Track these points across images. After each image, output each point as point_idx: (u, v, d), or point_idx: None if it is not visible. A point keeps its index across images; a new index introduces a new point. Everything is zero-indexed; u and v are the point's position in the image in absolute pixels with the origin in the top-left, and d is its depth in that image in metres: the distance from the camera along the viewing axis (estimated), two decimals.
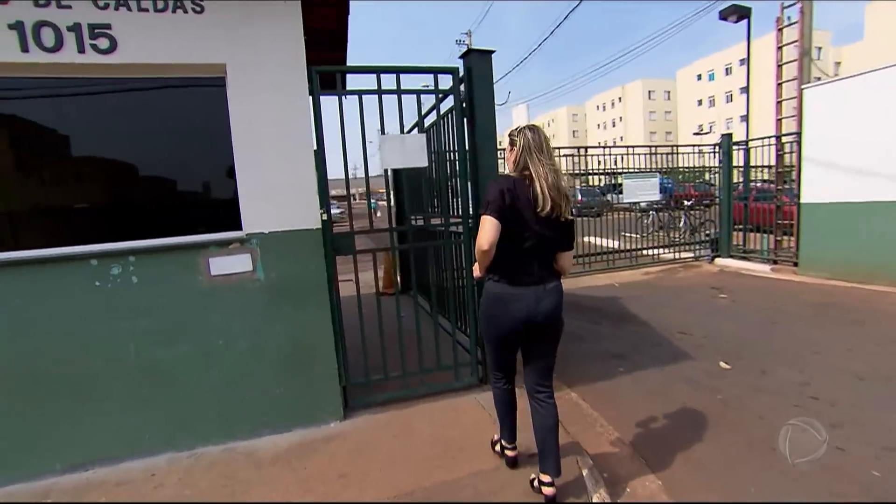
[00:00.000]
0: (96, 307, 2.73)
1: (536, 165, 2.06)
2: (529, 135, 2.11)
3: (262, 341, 2.99)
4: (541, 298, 2.13)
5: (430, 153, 4.43)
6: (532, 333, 2.19)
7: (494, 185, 2.10)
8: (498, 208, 2.03)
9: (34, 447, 2.72)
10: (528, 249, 2.11)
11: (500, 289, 2.16)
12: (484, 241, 2.04)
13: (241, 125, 2.86)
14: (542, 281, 2.15)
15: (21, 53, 2.54)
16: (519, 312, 2.12)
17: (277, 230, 2.96)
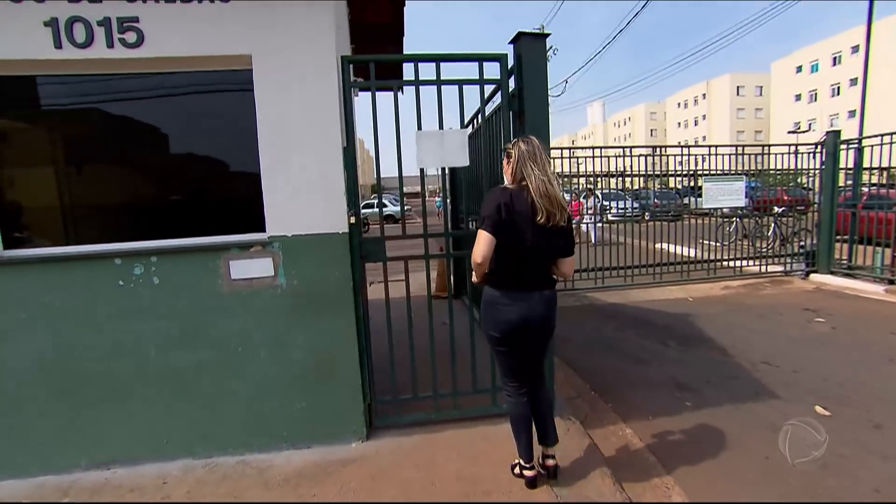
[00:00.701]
0: (121, 307, 2.64)
1: (530, 176, 2.14)
2: (523, 146, 2.20)
3: (283, 352, 2.78)
4: (535, 305, 2.22)
5: (479, 151, 4.07)
6: (528, 336, 2.27)
7: (492, 200, 2.17)
8: (493, 223, 2.11)
9: (64, 441, 2.70)
10: (524, 259, 2.19)
11: (497, 295, 2.24)
12: (477, 254, 2.13)
13: (266, 120, 2.65)
14: (538, 288, 2.24)
15: (55, 50, 2.48)
16: (514, 316, 2.21)
17: (301, 233, 2.73)
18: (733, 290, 7.11)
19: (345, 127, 2.78)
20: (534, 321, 2.23)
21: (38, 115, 2.75)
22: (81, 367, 2.66)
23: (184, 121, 2.77)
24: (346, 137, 2.79)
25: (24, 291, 2.59)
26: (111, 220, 2.85)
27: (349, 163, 2.77)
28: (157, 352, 2.70)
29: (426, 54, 2.85)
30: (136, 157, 2.86)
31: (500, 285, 2.23)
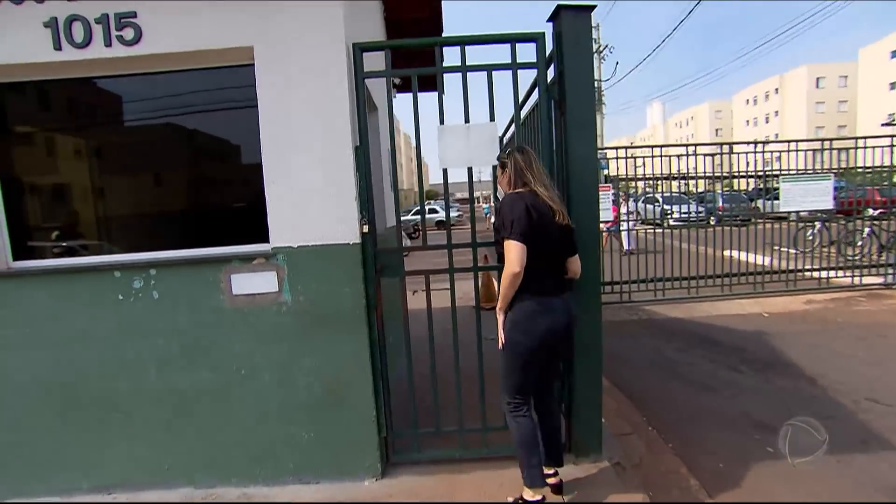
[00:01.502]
0: (121, 322, 2.44)
1: (535, 180, 2.10)
2: (519, 156, 2.14)
3: (289, 376, 2.47)
4: (563, 310, 2.14)
5: None
6: (559, 343, 2.21)
7: (518, 202, 2.04)
8: (524, 229, 1.99)
9: (66, 462, 2.53)
10: (551, 260, 2.13)
11: (532, 303, 2.09)
12: (514, 263, 1.98)
13: (268, 118, 2.36)
14: (561, 291, 2.17)
15: (54, 52, 2.31)
16: (553, 323, 2.10)
17: (307, 244, 2.40)
18: (819, 305, 6.11)
19: (357, 123, 2.43)
20: (566, 326, 2.16)
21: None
22: (82, 385, 2.48)
23: (179, 120, 2.54)
24: (359, 135, 2.44)
25: (29, 305, 2.44)
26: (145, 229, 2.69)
27: (362, 164, 2.42)
28: (158, 372, 2.46)
29: (450, 37, 2.46)
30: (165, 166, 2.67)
31: (533, 292, 2.08)
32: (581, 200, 2.45)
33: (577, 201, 2.44)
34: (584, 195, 2.45)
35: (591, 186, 2.47)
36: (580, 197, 2.45)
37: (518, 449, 2.18)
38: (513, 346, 2.12)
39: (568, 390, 2.63)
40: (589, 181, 2.45)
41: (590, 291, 2.49)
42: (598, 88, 17.52)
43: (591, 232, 2.46)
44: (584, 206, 2.44)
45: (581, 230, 2.42)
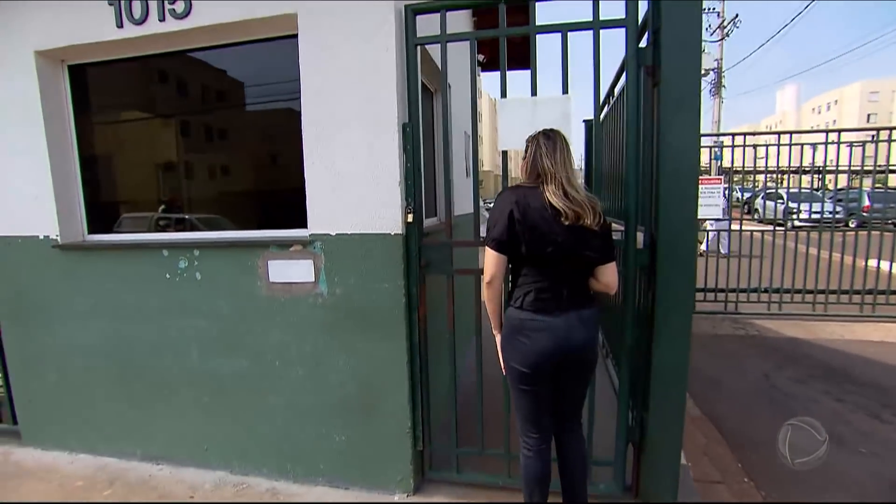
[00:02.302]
0: (168, 301, 2.41)
1: (550, 172, 1.68)
2: (543, 140, 1.74)
3: (322, 373, 2.27)
4: (573, 328, 1.71)
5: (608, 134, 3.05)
6: (562, 371, 1.76)
7: (503, 200, 1.72)
8: (500, 234, 1.67)
9: (123, 427, 2.61)
10: (553, 267, 1.70)
11: (523, 316, 1.72)
12: (486, 272, 1.74)
13: (309, 92, 2.12)
14: (575, 306, 1.72)
15: (116, 30, 2.28)
16: (546, 345, 1.69)
17: (346, 232, 2.16)
18: None
19: (408, 97, 2.11)
20: (572, 350, 1.71)
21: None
22: (135, 358, 2.51)
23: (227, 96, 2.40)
24: (409, 111, 2.12)
25: (96, 276, 2.51)
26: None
27: (410, 144, 2.10)
28: (199, 353, 2.41)
29: None
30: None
31: (523, 306, 1.72)
32: (673, 198, 1.89)
33: (668, 198, 1.89)
34: (676, 191, 1.89)
35: (688, 180, 1.90)
36: (672, 193, 1.89)
37: (523, 488, 1.89)
38: (506, 369, 1.81)
39: (640, 424, 2.13)
40: (685, 173, 1.89)
41: (676, 307, 1.95)
42: (719, 69, 15.37)
43: (681, 237, 1.91)
44: (675, 205, 1.89)
45: (668, 234, 1.90)
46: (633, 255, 2.01)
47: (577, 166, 1.77)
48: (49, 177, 2.49)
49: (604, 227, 1.69)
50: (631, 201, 2.01)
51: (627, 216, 2.03)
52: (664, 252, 1.93)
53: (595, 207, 1.65)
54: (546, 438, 1.85)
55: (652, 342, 1.99)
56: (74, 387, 2.63)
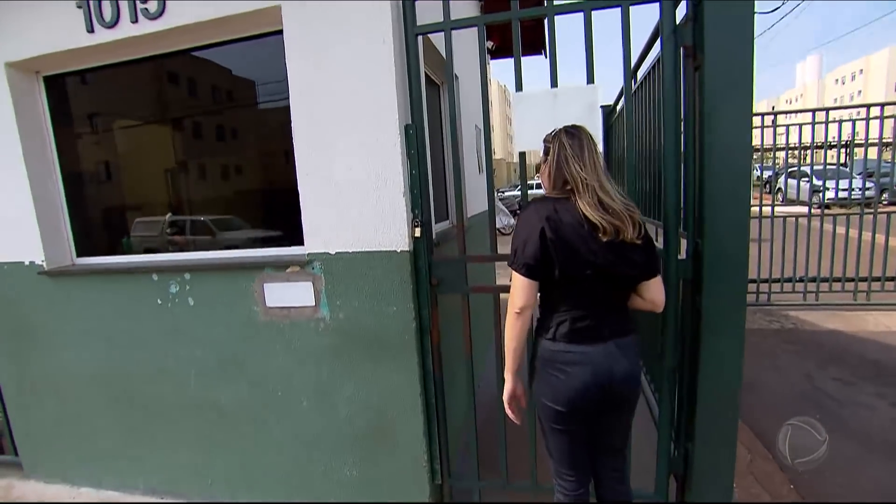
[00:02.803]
0: (161, 327, 2.21)
1: (577, 180, 1.41)
2: (565, 139, 1.45)
3: (328, 403, 2.06)
4: (614, 359, 1.45)
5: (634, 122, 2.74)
6: (602, 408, 1.50)
7: (531, 216, 1.43)
8: (530, 258, 1.39)
9: (124, 459, 2.44)
10: (591, 290, 1.43)
11: (557, 348, 1.47)
12: (515, 301, 1.44)
13: (299, 92, 1.87)
14: (616, 333, 1.46)
15: (88, 35, 2.05)
16: (585, 380, 1.44)
17: (346, 251, 1.92)
18: None
19: (409, 94, 1.85)
20: (614, 385, 1.46)
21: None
22: (131, 387, 2.33)
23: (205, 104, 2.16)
24: (412, 110, 1.86)
25: (86, 302, 2.32)
26: None
27: (415, 147, 1.84)
28: (197, 383, 2.22)
29: None
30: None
31: (557, 335, 1.47)
32: (720, 199, 1.61)
33: (715, 200, 1.61)
34: (724, 191, 1.60)
35: (739, 179, 1.60)
36: (719, 194, 1.61)
37: None
38: (538, 407, 1.57)
39: (684, 455, 1.88)
40: (736, 170, 1.60)
41: (726, 326, 1.68)
42: None
43: (731, 245, 1.63)
44: (723, 208, 1.61)
45: (715, 241, 1.63)
46: (675, 267, 1.74)
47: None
48: (30, 198, 2.30)
49: (645, 237, 1.44)
50: (671, 204, 1.73)
51: (667, 221, 1.75)
52: (711, 262, 1.65)
53: (634, 217, 1.41)
54: (584, 481, 1.62)
55: (698, 366, 1.73)
56: (72, 418, 2.47)
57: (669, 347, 1.80)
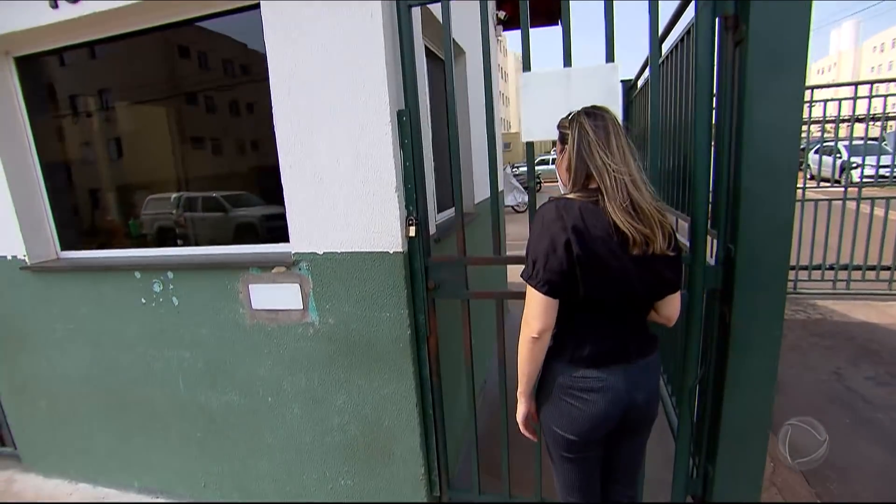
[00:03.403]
0: (147, 328, 2.08)
1: (604, 174, 1.15)
2: (587, 123, 1.18)
3: (320, 412, 1.92)
4: (636, 383, 1.26)
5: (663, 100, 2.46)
6: (618, 433, 1.32)
7: (553, 222, 1.16)
8: (555, 274, 1.15)
9: (119, 458, 2.36)
10: (617, 310, 1.24)
11: (575, 374, 1.25)
12: (534, 323, 1.19)
13: (280, 78, 1.66)
14: (639, 354, 1.27)
15: (52, 11, 1.85)
16: (605, 408, 1.24)
17: (335, 251, 1.74)
18: None
19: (403, 75, 1.62)
20: (634, 410, 1.28)
21: None
22: (122, 388, 2.23)
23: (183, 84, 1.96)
24: (405, 93, 1.64)
25: (71, 299, 2.20)
26: None
27: (409, 136, 1.63)
28: (186, 386, 2.10)
29: None
30: None
31: (579, 358, 1.25)
32: (760, 196, 1.37)
33: (754, 197, 1.38)
34: (766, 187, 1.36)
35: (784, 173, 1.35)
36: (759, 190, 1.37)
37: None
38: (546, 433, 1.37)
39: (703, 476, 1.70)
40: (781, 163, 1.35)
41: (759, 344, 1.47)
42: None
43: (771, 250, 1.40)
44: (764, 207, 1.37)
45: (752, 245, 1.40)
46: (702, 274, 1.52)
47: None
48: (6, 189, 2.15)
49: (677, 248, 1.23)
50: (699, 199, 1.49)
51: (694, 219, 1.52)
52: (744, 271, 1.43)
53: (664, 224, 1.18)
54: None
55: (723, 384, 1.53)
56: (65, 416, 2.39)
57: (691, 364, 1.60)
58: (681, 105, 2.03)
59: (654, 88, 1.62)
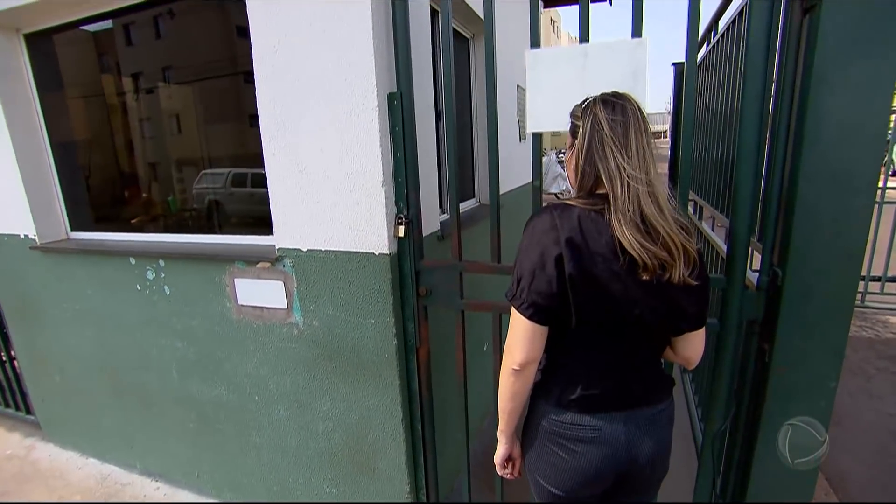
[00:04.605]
0: (145, 315, 2.03)
1: (614, 179, 0.90)
2: (603, 114, 0.93)
3: (305, 416, 1.79)
4: (638, 437, 1.02)
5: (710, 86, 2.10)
6: (615, 493, 1.08)
7: (536, 238, 0.95)
8: (542, 295, 0.93)
9: (125, 438, 2.37)
10: (619, 344, 0.99)
11: (564, 419, 1.03)
12: (517, 353, 0.98)
13: (264, 56, 1.49)
14: (644, 400, 1.03)
15: None
16: (597, 465, 1.01)
17: (319, 249, 1.58)
18: None
19: (396, 53, 1.41)
20: (635, 467, 1.03)
21: None
22: (123, 371, 2.21)
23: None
24: (398, 73, 1.43)
25: (78, 279, 2.19)
26: None
27: (400, 123, 1.42)
28: (180, 376, 2.04)
29: None
30: None
31: (568, 400, 1.02)
32: (825, 207, 1.07)
33: (815, 208, 1.08)
34: (833, 196, 1.06)
35: (862, 178, 1.05)
36: (824, 200, 1.07)
37: None
38: (530, 480, 1.15)
39: None
40: (860, 166, 1.04)
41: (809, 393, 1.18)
42: None
43: (833, 278, 1.10)
44: (829, 221, 1.07)
45: (807, 270, 1.12)
46: (739, 301, 1.24)
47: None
48: (16, 168, 2.14)
49: (703, 277, 0.97)
50: (742, 204, 1.20)
51: (734, 233, 1.23)
52: (794, 303, 1.14)
53: (688, 247, 0.92)
54: None
55: (756, 437, 1.26)
56: (76, 392, 2.42)
57: (719, 407, 1.32)
58: (733, 87, 1.70)
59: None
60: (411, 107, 1.44)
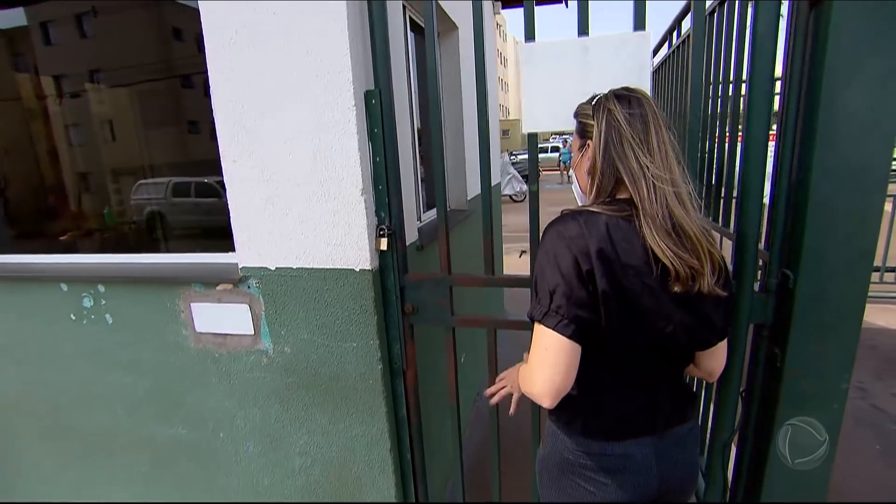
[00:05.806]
0: (82, 347, 1.73)
1: (639, 181, 0.81)
2: (620, 111, 0.83)
3: (279, 453, 1.59)
4: (668, 460, 0.92)
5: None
6: None
7: (560, 250, 0.82)
8: (585, 304, 0.80)
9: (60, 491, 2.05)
10: (649, 363, 0.89)
11: (590, 451, 0.92)
12: (545, 384, 0.81)
13: (218, 51, 1.29)
14: (674, 420, 0.94)
15: None
16: (631, 497, 0.91)
17: (289, 266, 1.40)
18: None
19: (372, 46, 1.26)
20: (668, 494, 0.94)
21: None
22: (59, 413, 1.89)
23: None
24: (376, 70, 1.27)
25: None
26: None
27: (380, 124, 1.27)
28: (128, 415, 1.76)
29: None
30: None
31: (593, 428, 0.92)
32: (836, 210, 1.03)
33: (826, 211, 1.03)
34: (845, 199, 1.02)
35: (874, 180, 1.00)
36: (835, 203, 1.02)
37: None
38: None
39: None
40: (870, 167, 1.00)
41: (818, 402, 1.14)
42: None
43: (844, 281, 1.06)
44: (840, 224, 1.03)
45: (819, 273, 1.07)
46: (748, 305, 1.18)
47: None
48: None
49: (729, 285, 0.88)
50: (751, 206, 1.14)
51: (742, 236, 1.17)
52: (807, 305, 1.09)
53: (713, 253, 0.83)
54: None
55: (768, 444, 1.21)
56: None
57: (727, 415, 1.27)
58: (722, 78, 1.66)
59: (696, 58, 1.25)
60: (391, 107, 1.29)
